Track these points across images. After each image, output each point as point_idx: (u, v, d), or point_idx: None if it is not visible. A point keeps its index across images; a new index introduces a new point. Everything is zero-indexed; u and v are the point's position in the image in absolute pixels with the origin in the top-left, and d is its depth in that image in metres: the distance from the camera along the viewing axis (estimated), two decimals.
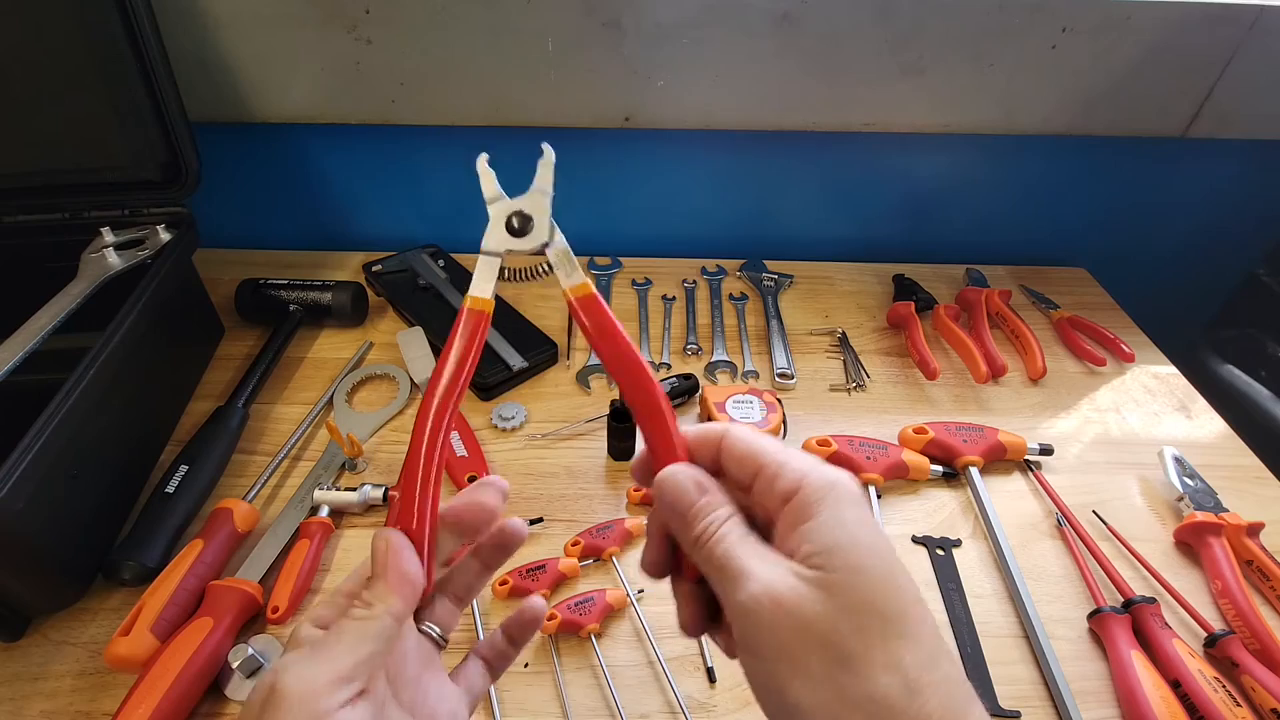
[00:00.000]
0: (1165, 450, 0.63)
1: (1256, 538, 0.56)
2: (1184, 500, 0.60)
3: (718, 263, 0.88)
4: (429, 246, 0.83)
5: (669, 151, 0.83)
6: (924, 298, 0.82)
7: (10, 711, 0.45)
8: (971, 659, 0.50)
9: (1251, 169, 0.87)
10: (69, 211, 0.63)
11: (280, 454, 0.60)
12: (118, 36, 0.57)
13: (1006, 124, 0.78)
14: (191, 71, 0.67)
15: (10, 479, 0.41)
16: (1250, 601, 0.51)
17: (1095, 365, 0.75)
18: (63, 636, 0.48)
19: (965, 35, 0.71)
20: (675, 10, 0.69)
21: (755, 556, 0.25)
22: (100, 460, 0.53)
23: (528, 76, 0.72)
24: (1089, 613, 0.52)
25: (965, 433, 0.63)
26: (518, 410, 0.66)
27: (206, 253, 0.68)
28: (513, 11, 0.68)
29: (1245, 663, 0.48)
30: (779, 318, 0.80)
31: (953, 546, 0.57)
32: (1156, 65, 0.74)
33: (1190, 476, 0.61)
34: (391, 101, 0.74)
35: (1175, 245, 0.95)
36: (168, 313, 0.61)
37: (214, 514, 0.53)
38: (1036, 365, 0.73)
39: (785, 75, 0.73)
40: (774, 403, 0.65)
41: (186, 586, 0.48)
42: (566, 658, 0.49)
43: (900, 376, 0.74)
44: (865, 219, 0.91)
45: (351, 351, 0.72)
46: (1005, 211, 0.91)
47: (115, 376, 0.51)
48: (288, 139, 0.80)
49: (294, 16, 0.68)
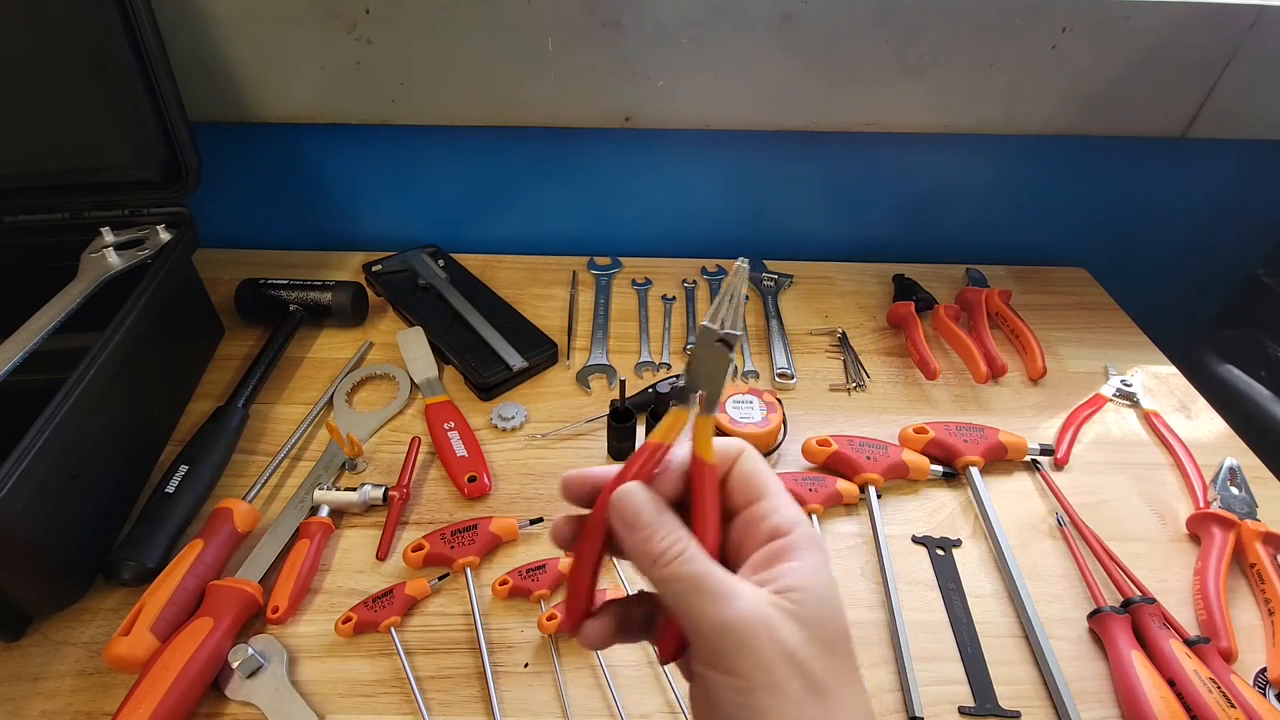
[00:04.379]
0: (1225, 460, 0.64)
1: (1271, 546, 0.56)
2: (1216, 501, 0.60)
3: (718, 263, 0.88)
4: (429, 246, 0.83)
5: (669, 151, 0.83)
6: (924, 298, 0.82)
7: (10, 711, 0.45)
8: (971, 659, 0.50)
9: (1251, 169, 0.87)
10: (69, 211, 0.63)
11: (280, 454, 0.60)
12: (118, 36, 0.57)
13: (1006, 124, 0.78)
14: (191, 71, 0.67)
15: (10, 479, 0.41)
16: (1224, 606, 0.52)
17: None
18: (63, 636, 0.48)
19: (965, 35, 0.71)
20: (675, 10, 0.69)
21: (733, 578, 0.26)
22: (100, 460, 0.53)
23: (528, 76, 0.72)
24: (1089, 613, 0.52)
25: (965, 433, 0.63)
26: (518, 410, 0.66)
27: (206, 253, 0.68)
28: (513, 11, 0.68)
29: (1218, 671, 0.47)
30: (779, 318, 0.80)
31: (953, 546, 0.57)
32: (1156, 65, 0.74)
33: (1237, 486, 0.61)
34: (391, 101, 0.74)
35: (1175, 245, 0.95)
36: (168, 313, 0.61)
37: (214, 514, 0.53)
38: (1036, 365, 0.73)
39: (785, 75, 0.73)
40: (774, 403, 0.65)
41: (186, 586, 0.48)
42: (566, 658, 0.49)
43: (900, 376, 0.74)
44: (865, 219, 0.91)
45: (351, 351, 0.72)
46: (1005, 211, 0.91)
47: (115, 377, 0.51)
48: (288, 139, 0.80)
49: (294, 16, 0.68)
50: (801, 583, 0.26)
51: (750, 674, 0.24)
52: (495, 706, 0.46)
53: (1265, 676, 0.49)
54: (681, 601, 0.26)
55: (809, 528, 0.28)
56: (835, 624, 0.26)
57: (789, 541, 0.27)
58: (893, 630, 0.51)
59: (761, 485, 0.28)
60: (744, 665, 0.25)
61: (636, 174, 0.86)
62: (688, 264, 0.88)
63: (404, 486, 0.58)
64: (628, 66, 0.72)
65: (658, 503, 0.28)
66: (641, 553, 0.27)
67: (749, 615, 0.25)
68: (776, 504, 0.28)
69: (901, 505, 0.61)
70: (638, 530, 0.27)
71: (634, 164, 0.85)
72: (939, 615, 0.53)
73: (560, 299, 0.81)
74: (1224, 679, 0.46)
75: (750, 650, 0.24)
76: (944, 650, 0.51)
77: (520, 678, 0.48)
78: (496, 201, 0.87)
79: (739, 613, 0.25)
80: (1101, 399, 0.71)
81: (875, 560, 0.56)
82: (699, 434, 0.28)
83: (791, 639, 0.25)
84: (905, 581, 0.55)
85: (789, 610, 0.25)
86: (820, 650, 0.25)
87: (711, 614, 0.25)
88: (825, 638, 0.25)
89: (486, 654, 0.48)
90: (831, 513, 0.60)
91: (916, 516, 0.60)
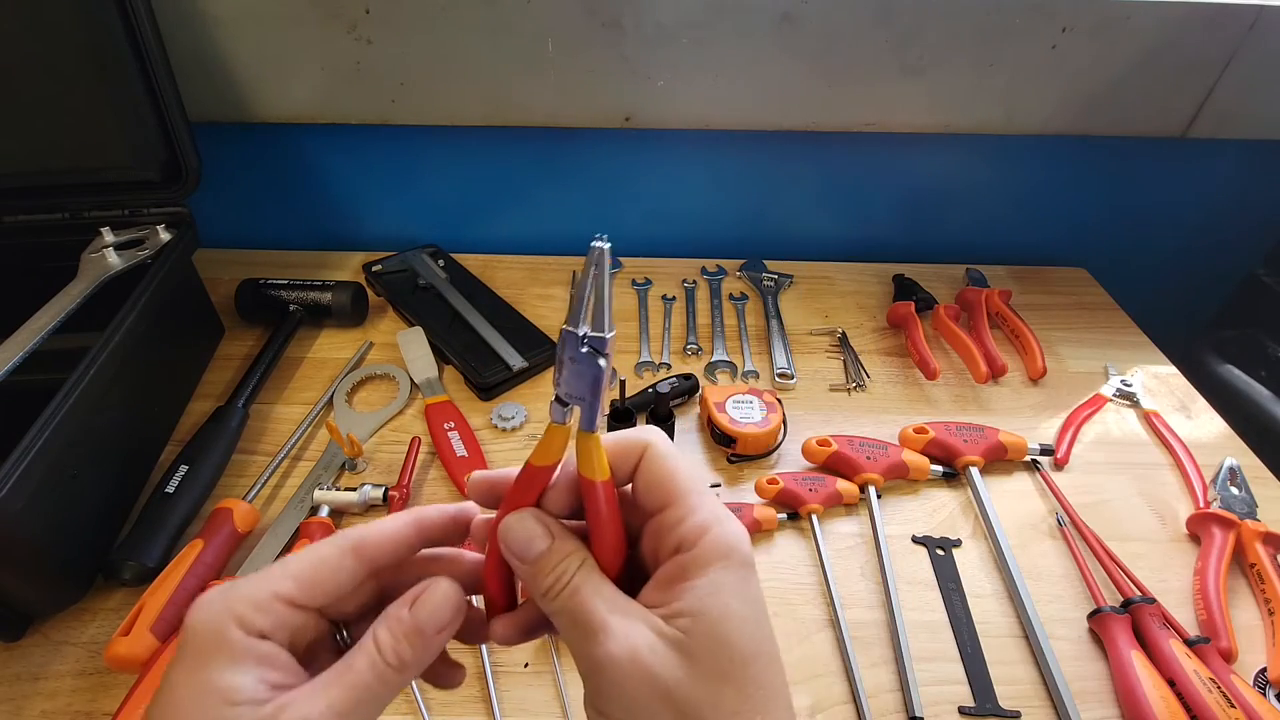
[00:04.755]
0: (1225, 460, 0.63)
1: (1271, 546, 0.56)
2: (1216, 501, 0.60)
3: (718, 263, 0.88)
4: (429, 246, 0.83)
5: (669, 151, 0.83)
6: (924, 298, 0.82)
7: (10, 711, 0.45)
8: (971, 659, 0.50)
9: (1251, 169, 0.87)
10: (69, 211, 0.63)
11: (280, 454, 0.60)
12: (118, 36, 0.57)
13: (1006, 124, 0.78)
14: (191, 71, 0.67)
15: (10, 479, 0.41)
16: (1224, 606, 0.52)
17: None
18: (63, 636, 0.48)
19: (965, 35, 0.71)
20: (675, 10, 0.69)
21: (613, 610, 0.24)
22: (100, 460, 0.53)
23: (528, 76, 0.72)
24: (1089, 613, 0.52)
25: (965, 433, 0.63)
26: (518, 410, 0.66)
27: (206, 253, 0.68)
28: (513, 11, 0.68)
29: (1218, 671, 0.47)
30: (779, 318, 0.80)
31: (953, 546, 0.57)
32: (1156, 65, 0.74)
33: (1237, 486, 0.61)
34: (391, 101, 0.74)
35: (1175, 245, 0.95)
36: (168, 313, 0.61)
37: (214, 514, 0.53)
38: (1036, 365, 0.73)
39: (785, 75, 0.73)
40: (774, 403, 0.65)
41: (186, 586, 0.48)
42: (566, 658, 0.49)
43: (900, 376, 0.74)
44: (865, 219, 0.91)
45: (351, 351, 0.72)
46: (1005, 211, 0.91)
47: (115, 376, 0.51)
48: (288, 139, 0.80)
49: (294, 16, 0.68)
50: (695, 606, 0.23)
51: (619, 714, 0.23)
52: (495, 706, 0.46)
53: (1265, 676, 0.49)
54: (565, 637, 0.25)
55: (722, 534, 0.24)
56: (737, 649, 0.23)
57: (693, 556, 0.24)
58: (893, 630, 0.51)
59: (668, 489, 0.25)
60: (613, 705, 0.23)
61: (636, 174, 0.86)
62: (688, 264, 0.88)
63: (404, 486, 0.58)
64: (628, 66, 0.72)
65: (547, 526, 0.26)
66: (531, 587, 0.26)
67: (617, 654, 0.23)
68: (685, 510, 0.25)
69: (901, 505, 0.61)
70: (524, 564, 0.25)
71: (634, 164, 0.85)
72: (939, 615, 0.53)
73: (560, 299, 0.81)
74: (1224, 679, 0.46)
75: (618, 689, 0.23)
76: (944, 650, 0.51)
77: (520, 677, 0.48)
78: (496, 201, 0.87)
79: (607, 651, 0.23)
80: (1101, 399, 0.71)
81: (875, 560, 0.56)
82: (581, 453, 0.25)
83: (669, 675, 0.23)
84: (905, 581, 0.55)
85: (672, 640, 0.23)
86: (705, 684, 0.23)
87: (584, 651, 0.24)
88: (719, 667, 0.23)
89: (486, 654, 0.48)
90: (831, 513, 0.60)
91: (916, 516, 0.60)
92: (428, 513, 0.28)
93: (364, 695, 0.23)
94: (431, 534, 0.28)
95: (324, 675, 0.24)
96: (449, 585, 0.26)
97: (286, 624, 0.24)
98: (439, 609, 0.25)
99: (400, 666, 0.24)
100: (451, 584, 0.26)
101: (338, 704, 0.23)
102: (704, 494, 0.26)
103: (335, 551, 0.26)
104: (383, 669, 0.24)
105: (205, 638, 0.23)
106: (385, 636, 0.24)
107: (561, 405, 0.25)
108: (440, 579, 0.26)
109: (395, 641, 0.24)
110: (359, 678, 0.24)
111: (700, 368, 0.73)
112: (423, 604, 0.25)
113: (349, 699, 0.23)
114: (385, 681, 0.24)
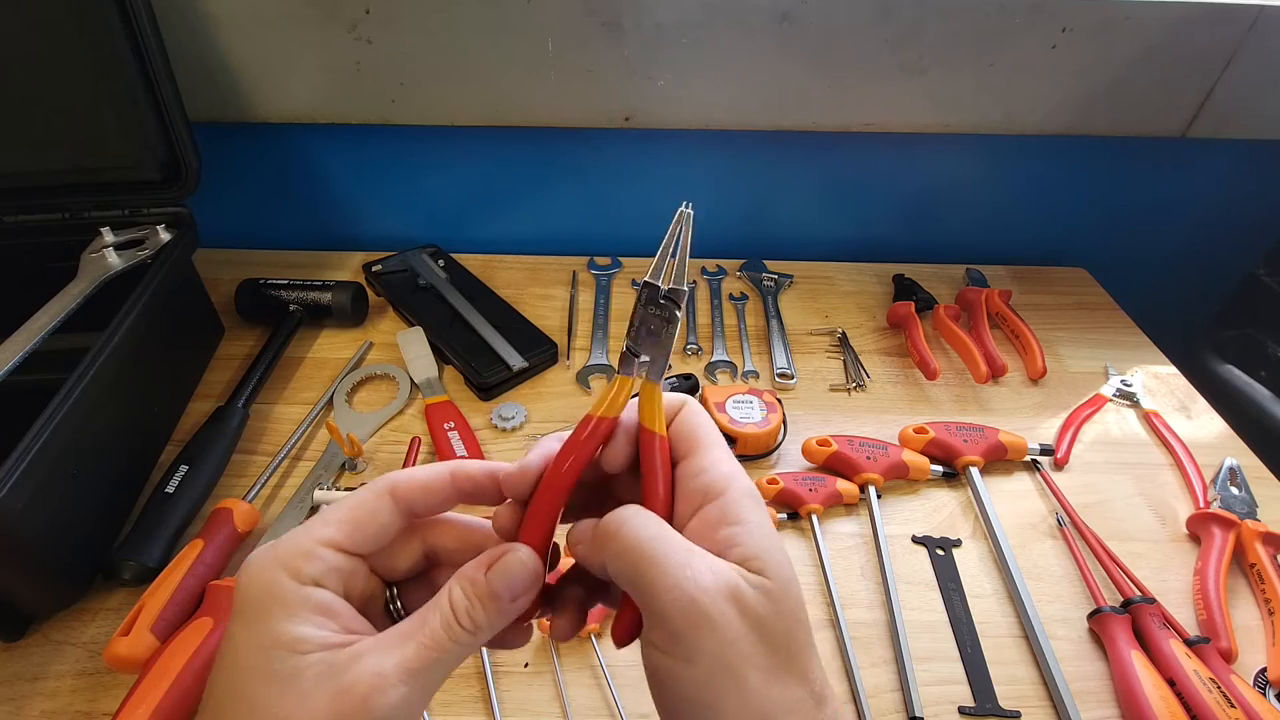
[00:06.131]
0: (1225, 460, 0.63)
1: (1271, 546, 0.56)
2: (1216, 501, 0.60)
3: (718, 263, 0.88)
4: (429, 246, 0.83)
5: (669, 151, 0.83)
6: (924, 298, 0.82)
7: (10, 711, 0.45)
8: (971, 659, 0.50)
9: (1251, 169, 0.87)
10: (69, 211, 0.63)
11: (280, 454, 0.60)
12: (117, 36, 0.57)
13: (1006, 124, 0.78)
14: (191, 71, 0.67)
15: (10, 479, 0.41)
16: (1224, 606, 0.52)
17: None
18: (63, 636, 0.48)
19: (965, 35, 0.71)
20: (675, 10, 0.69)
21: (693, 551, 0.24)
22: (100, 460, 0.53)
23: (528, 76, 0.72)
24: (1089, 613, 0.52)
25: (965, 433, 0.63)
26: (518, 410, 0.66)
27: (206, 253, 0.68)
28: (513, 11, 0.68)
29: (1218, 671, 0.47)
30: (779, 318, 0.80)
31: (953, 546, 0.57)
32: (1156, 65, 0.74)
33: (1237, 486, 0.61)
34: (391, 101, 0.74)
35: (1175, 245, 0.95)
36: (168, 313, 0.61)
37: (214, 514, 0.53)
38: (1036, 365, 0.73)
39: (785, 75, 0.73)
40: (774, 403, 0.65)
41: (186, 586, 0.48)
42: (566, 658, 0.49)
43: (900, 376, 0.74)
44: (865, 219, 0.91)
45: (351, 351, 0.72)
46: (1005, 211, 0.91)
47: (115, 376, 0.51)
48: (288, 139, 0.80)
49: (294, 16, 0.68)
50: (755, 549, 0.23)
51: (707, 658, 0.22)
52: (495, 706, 0.46)
53: (1265, 676, 0.49)
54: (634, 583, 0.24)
55: (744, 481, 0.25)
56: (795, 588, 0.24)
57: (728, 500, 0.24)
58: (893, 630, 0.51)
59: (698, 437, 0.26)
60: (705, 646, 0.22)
61: (636, 174, 0.86)
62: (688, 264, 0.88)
63: None
64: (628, 66, 0.72)
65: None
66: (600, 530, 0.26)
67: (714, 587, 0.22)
68: (711, 460, 0.25)
69: (901, 505, 0.61)
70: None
71: (634, 164, 0.85)
72: (939, 615, 0.53)
73: (560, 299, 0.81)
74: (1224, 679, 0.46)
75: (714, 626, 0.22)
76: (944, 650, 0.51)
77: (520, 677, 0.48)
78: (496, 201, 0.87)
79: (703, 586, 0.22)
80: (1101, 399, 0.72)
81: (875, 560, 0.56)
82: (645, 404, 0.26)
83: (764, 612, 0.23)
84: (905, 581, 0.55)
85: (756, 583, 0.23)
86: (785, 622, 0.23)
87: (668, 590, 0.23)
88: (788, 609, 0.23)
89: (486, 654, 0.48)
90: (831, 513, 0.60)
91: (916, 516, 0.60)
92: (466, 466, 0.28)
93: (437, 656, 0.23)
94: (467, 488, 0.27)
95: (398, 627, 0.24)
96: (528, 553, 0.26)
97: (337, 569, 0.24)
98: (517, 576, 0.25)
99: (474, 629, 0.24)
100: (530, 552, 0.26)
101: (411, 661, 0.23)
102: (727, 449, 0.27)
103: (371, 494, 0.26)
104: (457, 631, 0.24)
105: (258, 593, 0.23)
106: (460, 598, 0.24)
107: (632, 357, 0.26)
108: (519, 545, 0.26)
109: (470, 604, 0.24)
110: (433, 637, 0.23)
111: (700, 368, 0.73)
112: (501, 569, 0.25)
113: (422, 658, 0.23)
114: (459, 642, 0.24)
